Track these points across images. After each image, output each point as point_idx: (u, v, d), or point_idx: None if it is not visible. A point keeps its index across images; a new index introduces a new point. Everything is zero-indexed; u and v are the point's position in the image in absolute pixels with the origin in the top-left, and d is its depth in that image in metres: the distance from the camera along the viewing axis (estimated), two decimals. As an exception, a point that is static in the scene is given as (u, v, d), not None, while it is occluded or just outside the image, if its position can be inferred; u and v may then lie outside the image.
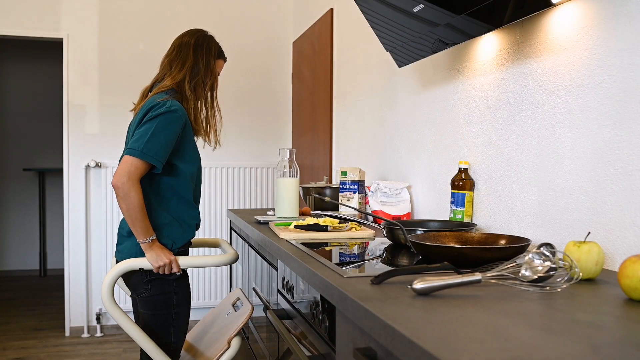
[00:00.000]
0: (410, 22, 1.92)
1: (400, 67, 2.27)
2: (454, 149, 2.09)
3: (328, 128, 3.58)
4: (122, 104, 4.09)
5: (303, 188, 2.72)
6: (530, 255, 1.17)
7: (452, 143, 2.11)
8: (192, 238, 2.09)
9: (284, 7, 4.48)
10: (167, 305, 2.00)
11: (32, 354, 3.68)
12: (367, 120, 2.97)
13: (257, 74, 4.44)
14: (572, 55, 1.51)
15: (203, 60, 2.10)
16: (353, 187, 2.50)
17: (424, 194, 2.32)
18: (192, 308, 2.23)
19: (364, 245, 1.78)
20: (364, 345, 1.07)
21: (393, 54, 2.23)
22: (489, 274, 1.13)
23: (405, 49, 2.12)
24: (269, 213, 2.59)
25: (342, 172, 2.54)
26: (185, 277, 2.05)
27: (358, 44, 3.09)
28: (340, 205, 2.60)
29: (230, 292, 2.45)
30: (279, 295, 1.86)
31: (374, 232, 1.96)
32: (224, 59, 2.21)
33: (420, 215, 2.35)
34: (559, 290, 1.12)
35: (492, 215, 1.86)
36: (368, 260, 1.55)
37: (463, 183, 1.93)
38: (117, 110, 4.11)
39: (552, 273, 1.15)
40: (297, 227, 1.99)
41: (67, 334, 4.07)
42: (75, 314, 4.08)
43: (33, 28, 4.01)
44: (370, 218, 2.38)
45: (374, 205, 2.32)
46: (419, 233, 1.59)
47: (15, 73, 6.21)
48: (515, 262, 1.18)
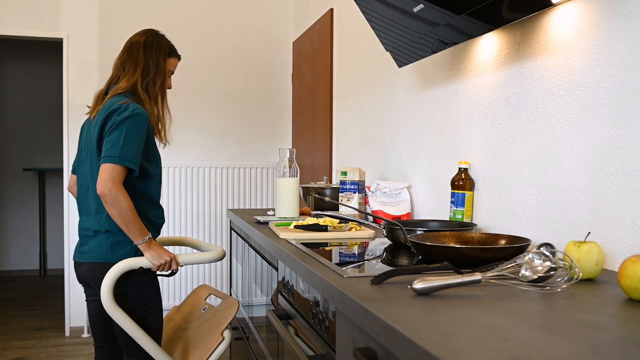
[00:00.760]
0: (410, 22, 1.92)
1: (400, 67, 2.27)
2: (454, 149, 2.09)
3: (328, 128, 3.58)
4: (122, 104, 4.08)
5: (303, 188, 2.72)
6: (530, 255, 1.17)
7: (452, 143, 2.11)
8: (157, 237, 2.17)
9: (284, 7, 4.48)
10: (143, 301, 2.05)
11: (32, 354, 3.68)
12: (367, 120, 2.97)
13: (257, 74, 4.44)
14: (572, 55, 1.51)
15: (153, 60, 2.12)
16: (353, 187, 2.50)
17: (424, 194, 2.32)
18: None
19: (364, 245, 1.78)
20: (364, 346, 1.07)
21: (393, 54, 2.23)
22: (489, 274, 1.13)
23: (405, 49, 2.12)
24: (269, 213, 2.59)
25: (342, 172, 2.54)
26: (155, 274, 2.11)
27: (358, 44, 3.09)
28: (340, 205, 2.60)
29: (196, 288, 2.49)
30: (279, 295, 1.86)
31: (374, 232, 1.96)
32: (178, 57, 2.22)
33: (420, 215, 2.35)
34: (559, 290, 1.12)
35: (492, 215, 1.86)
36: (368, 260, 1.55)
37: (463, 183, 1.93)
38: (117, 110, 4.10)
39: (552, 273, 1.15)
40: (297, 227, 1.99)
41: (67, 334, 4.07)
42: (75, 314, 4.08)
43: (33, 28, 4.01)
44: (370, 218, 2.38)
45: (374, 205, 2.32)
46: (419, 233, 1.59)
47: (15, 73, 6.21)
48: (515, 262, 1.18)
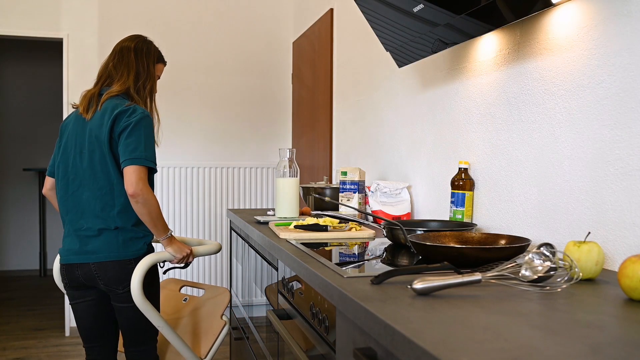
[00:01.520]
0: (410, 22, 1.92)
1: (400, 67, 2.27)
2: (454, 149, 2.09)
3: (328, 128, 3.58)
4: (122, 104, 4.09)
5: (303, 188, 2.72)
6: (530, 255, 1.16)
7: (452, 143, 2.11)
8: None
9: (284, 7, 4.48)
10: (150, 294, 2.15)
11: (32, 354, 3.68)
12: (367, 120, 2.97)
13: (257, 74, 4.44)
14: (572, 55, 1.51)
15: (143, 65, 2.18)
16: (353, 187, 2.50)
17: (424, 194, 2.32)
18: None
19: (364, 245, 1.78)
20: (364, 345, 1.07)
21: (393, 54, 2.23)
22: (489, 274, 1.13)
23: (405, 49, 2.12)
24: (269, 213, 2.59)
25: (342, 172, 2.54)
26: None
27: (358, 44, 3.09)
28: (340, 205, 2.60)
29: (162, 282, 2.57)
30: (279, 295, 1.86)
31: (374, 232, 1.96)
32: (164, 63, 2.30)
33: (420, 215, 2.35)
34: (559, 290, 1.12)
35: (492, 215, 1.86)
36: (368, 260, 1.55)
37: (463, 183, 1.93)
38: (117, 110, 4.11)
39: (552, 273, 1.15)
40: (297, 227, 1.99)
41: (67, 334, 4.07)
42: (75, 314, 4.08)
43: (33, 28, 4.01)
44: (370, 218, 2.38)
45: (374, 205, 2.32)
46: (419, 233, 1.59)
47: (15, 73, 6.21)
48: (515, 262, 1.18)
